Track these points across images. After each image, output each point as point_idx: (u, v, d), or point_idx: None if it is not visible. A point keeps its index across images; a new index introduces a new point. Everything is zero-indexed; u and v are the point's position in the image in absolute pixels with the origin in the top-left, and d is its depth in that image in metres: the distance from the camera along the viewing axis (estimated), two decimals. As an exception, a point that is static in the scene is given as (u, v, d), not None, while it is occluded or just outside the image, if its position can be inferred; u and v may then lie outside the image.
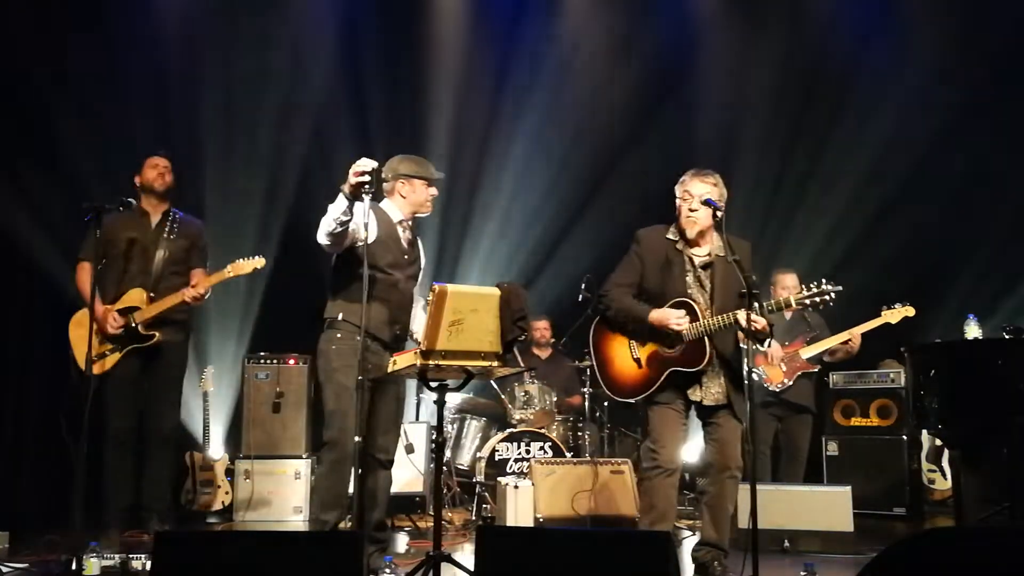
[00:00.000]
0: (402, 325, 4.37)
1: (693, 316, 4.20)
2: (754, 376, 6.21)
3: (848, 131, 8.46)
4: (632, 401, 4.41)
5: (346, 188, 3.92)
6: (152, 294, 5.40)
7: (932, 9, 8.26)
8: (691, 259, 4.33)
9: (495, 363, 3.71)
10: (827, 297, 4.15)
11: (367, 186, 3.88)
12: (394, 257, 4.31)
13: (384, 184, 4.33)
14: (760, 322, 4.01)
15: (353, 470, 3.97)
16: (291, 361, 6.68)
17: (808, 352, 6.32)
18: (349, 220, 4.01)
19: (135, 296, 5.39)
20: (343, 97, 7.87)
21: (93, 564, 4.07)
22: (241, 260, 5.37)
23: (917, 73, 8.15)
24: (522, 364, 7.01)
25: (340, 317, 4.25)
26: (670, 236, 4.35)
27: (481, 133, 8.50)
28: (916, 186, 8.41)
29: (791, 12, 8.53)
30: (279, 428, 6.59)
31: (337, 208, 3.97)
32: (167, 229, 5.53)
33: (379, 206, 4.36)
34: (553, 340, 7.59)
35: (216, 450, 6.72)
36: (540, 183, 8.52)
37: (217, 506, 6.52)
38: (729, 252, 4.07)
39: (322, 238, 4.09)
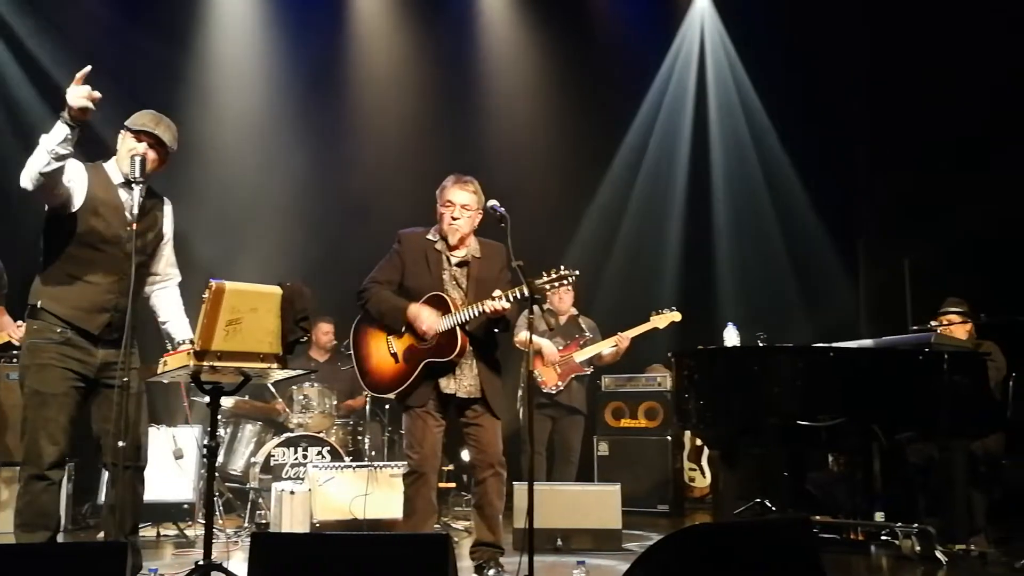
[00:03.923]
0: (123, 314, 3.60)
1: (446, 309, 4.34)
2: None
3: (630, 144, 8.94)
4: (391, 396, 4.52)
5: (66, 112, 3.42)
6: None
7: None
8: (448, 258, 4.48)
9: (274, 365, 3.59)
10: (566, 281, 4.30)
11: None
12: (109, 228, 3.69)
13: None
14: (495, 306, 4.19)
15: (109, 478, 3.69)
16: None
17: (581, 355, 6.54)
18: (68, 156, 3.47)
19: None
20: (114, 97, 7.38)
21: None
22: None
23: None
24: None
25: (39, 304, 3.68)
26: (430, 237, 4.50)
27: (266, 128, 8.27)
28: (686, 204, 9.01)
29: (576, 26, 8.87)
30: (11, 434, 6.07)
31: (54, 137, 3.44)
32: None
33: (100, 164, 3.81)
34: (335, 343, 7.47)
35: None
36: (327, 182, 8.38)
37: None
38: (512, 258, 4.18)
39: (28, 180, 3.50)
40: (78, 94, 3.40)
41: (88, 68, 3.42)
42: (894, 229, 8.10)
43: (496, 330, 4.43)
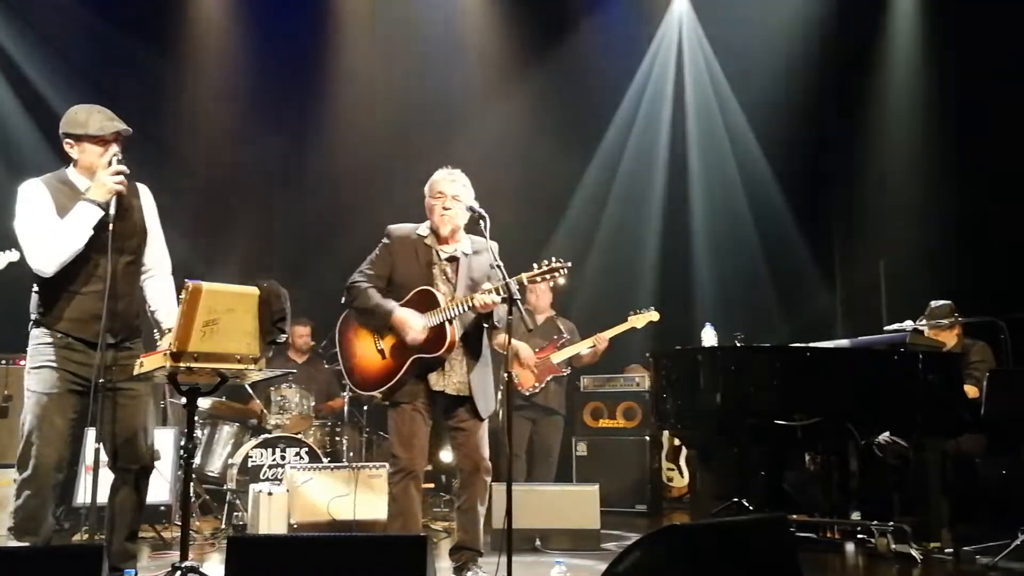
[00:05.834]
0: (121, 319, 3.74)
1: (435, 304, 4.25)
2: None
3: (608, 145, 8.97)
4: (377, 394, 4.37)
5: (103, 194, 3.56)
6: None
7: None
8: (438, 253, 4.40)
9: (252, 366, 3.57)
10: (557, 273, 4.24)
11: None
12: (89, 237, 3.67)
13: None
14: (485, 300, 4.13)
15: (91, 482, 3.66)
16: (21, 362, 6.12)
17: (559, 356, 6.55)
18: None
19: None
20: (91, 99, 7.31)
21: None
22: None
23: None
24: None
25: (38, 317, 3.74)
26: (421, 232, 4.42)
27: (241, 125, 8.23)
28: (664, 204, 9.04)
29: (555, 26, 8.90)
30: (6, 435, 6.04)
31: (89, 220, 3.56)
32: None
33: (63, 172, 3.79)
34: (313, 344, 7.45)
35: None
36: (304, 185, 8.35)
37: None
38: (495, 257, 4.17)
39: (54, 266, 3.61)
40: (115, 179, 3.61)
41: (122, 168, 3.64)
42: (869, 230, 8.18)
43: (485, 325, 4.35)
